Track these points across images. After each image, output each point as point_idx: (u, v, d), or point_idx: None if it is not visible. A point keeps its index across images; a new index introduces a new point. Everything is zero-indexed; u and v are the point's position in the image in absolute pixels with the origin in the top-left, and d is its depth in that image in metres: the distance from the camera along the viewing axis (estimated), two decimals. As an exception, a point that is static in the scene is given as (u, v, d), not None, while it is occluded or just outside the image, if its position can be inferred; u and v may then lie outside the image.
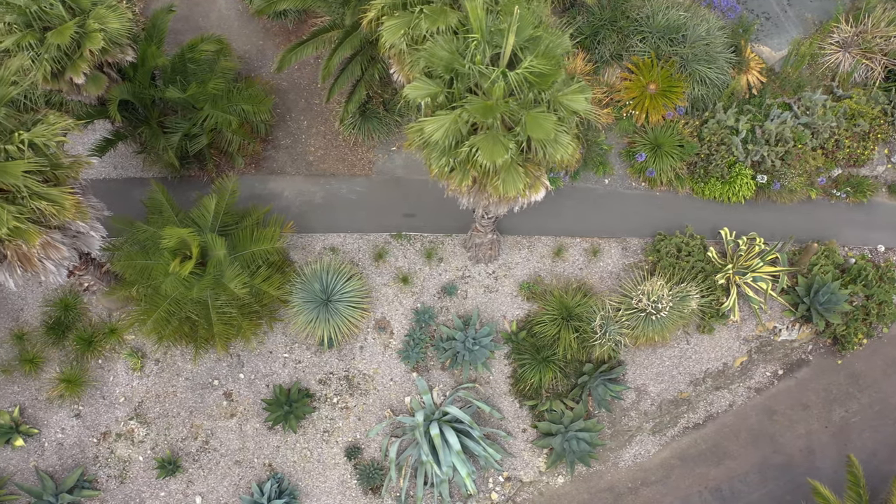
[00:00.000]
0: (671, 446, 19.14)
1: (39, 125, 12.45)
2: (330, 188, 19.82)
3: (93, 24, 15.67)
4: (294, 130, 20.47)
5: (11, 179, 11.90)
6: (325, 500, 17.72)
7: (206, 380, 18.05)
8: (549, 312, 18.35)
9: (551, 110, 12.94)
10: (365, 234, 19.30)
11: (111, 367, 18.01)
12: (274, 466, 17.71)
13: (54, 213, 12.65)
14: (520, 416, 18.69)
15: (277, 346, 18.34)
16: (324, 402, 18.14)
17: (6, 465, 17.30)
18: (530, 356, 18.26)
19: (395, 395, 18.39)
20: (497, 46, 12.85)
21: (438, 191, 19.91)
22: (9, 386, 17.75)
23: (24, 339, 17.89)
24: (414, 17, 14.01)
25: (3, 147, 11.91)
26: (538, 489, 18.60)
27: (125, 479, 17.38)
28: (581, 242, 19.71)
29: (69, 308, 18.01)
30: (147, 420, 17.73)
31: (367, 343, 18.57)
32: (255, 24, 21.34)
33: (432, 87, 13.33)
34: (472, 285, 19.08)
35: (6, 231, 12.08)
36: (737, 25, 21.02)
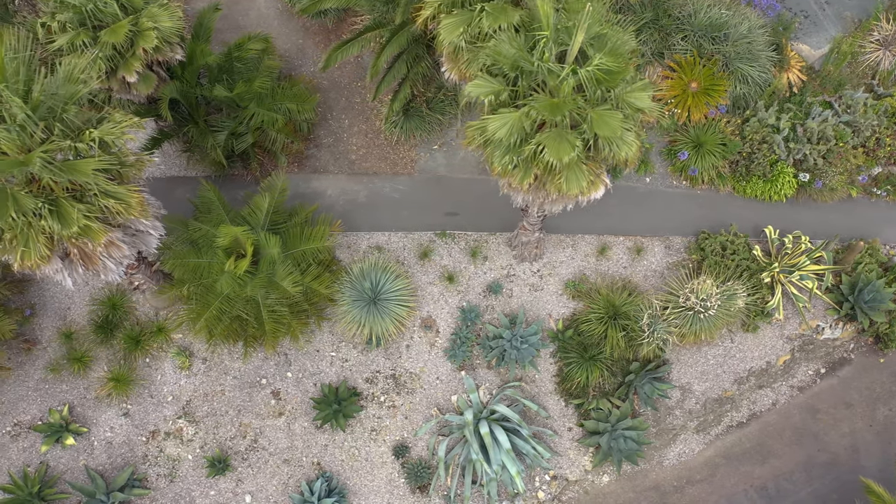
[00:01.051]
0: (715, 445, 19.11)
1: (105, 123, 12.43)
2: (373, 187, 19.81)
3: (146, 23, 15.69)
4: (335, 129, 20.47)
5: (82, 177, 11.89)
6: (374, 498, 17.71)
7: (253, 378, 18.05)
8: (595, 311, 18.34)
9: (616, 108, 12.93)
10: (409, 233, 19.29)
11: (158, 365, 18.01)
12: (322, 465, 17.70)
13: (121, 211, 12.65)
14: (565, 414, 18.67)
15: (324, 344, 18.33)
16: (371, 400, 18.13)
17: (56, 464, 17.30)
18: (577, 355, 18.24)
19: (442, 394, 18.38)
20: (562, 44, 12.84)
21: (481, 189, 20.04)
22: (58, 385, 17.75)
23: (72, 337, 17.88)
24: (475, 14, 13.99)
25: (74, 145, 11.88)
26: (583, 488, 18.58)
27: (175, 477, 17.37)
28: (624, 241, 19.70)
29: (116, 307, 18.01)
30: (195, 419, 17.72)
31: (413, 342, 18.56)
32: (295, 23, 21.34)
33: (495, 84, 13.32)
34: (516, 284, 19.07)
35: (76, 230, 12.05)
36: (776, 24, 21.00)
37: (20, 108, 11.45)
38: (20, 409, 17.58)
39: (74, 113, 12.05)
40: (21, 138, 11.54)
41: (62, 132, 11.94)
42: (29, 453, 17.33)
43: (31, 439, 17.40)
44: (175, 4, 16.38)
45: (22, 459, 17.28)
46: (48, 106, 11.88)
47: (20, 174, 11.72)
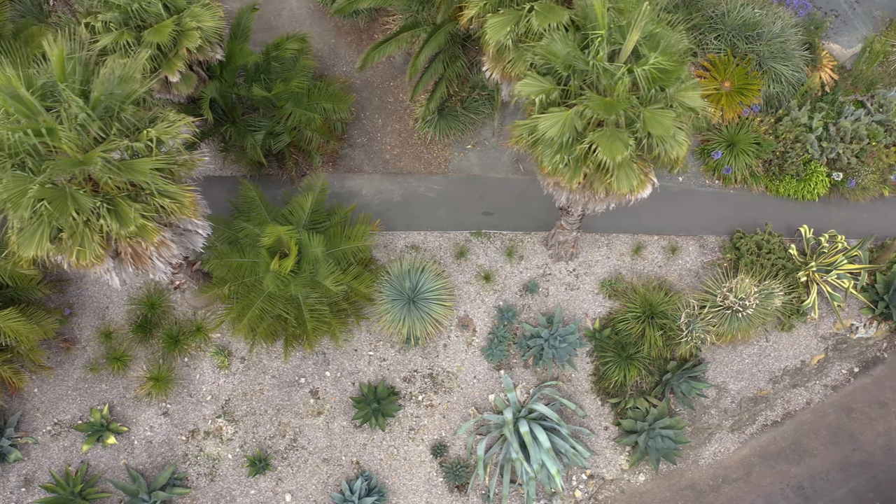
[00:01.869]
0: (750, 444, 19.11)
1: (160, 123, 12.46)
2: (408, 186, 19.83)
3: (190, 23, 15.72)
4: (369, 129, 20.49)
5: (140, 177, 11.92)
6: (412, 497, 17.73)
7: (292, 378, 18.07)
8: (632, 310, 18.36)
9: (668, 107, 12.95)
10: (445, 232, 19.31)
11: (197, 365, 18.04)
12: (361, 464, 17.72)
13: (175, 210, 12.68)
14: (601, 413, 18.69)
15: (362, 343, 18.35)
16: (409, 399, 18.15)
17: (97, 463, 17.33)
18: (614, 354, 18.26)
19: (479, 393, 18.40)
20: (614, 43, 12.85)
21: (515, 189, 20.07)
22: (97, 384, 17.78)
23: (112, 337, 17.91)
24: (523, 14, 14.01)
25: (131, 144, 11.91)
26: (620, 487, 18.58)
27: (215, 476, 17.39)
28: (659, 240, 19.71)
29: (154, 307, 18.04)
30: (235, 418, 17.74)
31: (450, 341, 18.58)
32: (327, 23, 21.37)
33: (545, 83, 13.35)
34: (553, 283, 19.09)
35: (133, 229, 12.08)
36: (808, 23, 21.02)
37: (81, 108, 11.48)
38: (60, 409, 17.61)
39: (131, 112, 12.06)
40: (81, 138, 11.57)
41: (119, 131, 11.97)
42: (70, 452, 17.36)
43: (71, 438, 17.44)
44: (216, 4, 16.42)
45: (63, 458, 17.31)
46: (105, 105, 11.90)
47: (80, 174, 11.73)
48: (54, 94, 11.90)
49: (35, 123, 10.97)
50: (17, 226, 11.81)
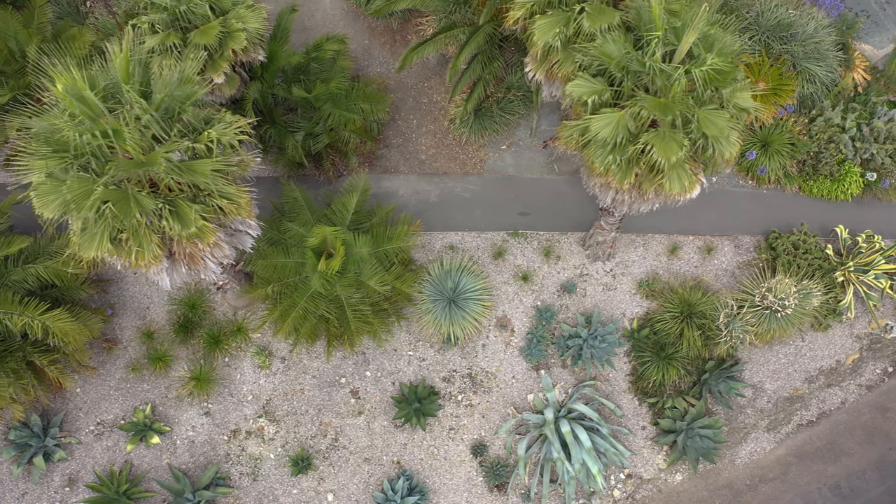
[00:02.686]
0: (786, 443, 19.16)
1: (216, 124, 12.53)
2: (444, 186, 19.90)
3: (235, 24, 15.80)
4: (404, 129, 20.56)
5: (201, 178, 11.99)
6: (452, 497, 17.79)
7: (332, 378, 18.14)
8: (670, 310, 18.42)
9: (720, 108, 13.01)
10: (482, 233, 19.38)
11: (238, 365, 18.10)
12: (402, 464, 17.79)
13: (232, 210, 12.75)
14: (638, 413, 18.74)
15: (402, 343, 18.42)
16: (448, 399, 18.21)
17: (140, 463, 17.41)
18: (652, 354, 18.31)
19: (518, 393, 18.46)
20: (667, 44, 12.91)
21: (550, 189, 20.12)
22: (139, 384, 17.85)
23: (153, 337, 17.98)
24: (573, 15, 14.07)
25: (192, 145, 11.98)
26: (657, 486, 18.64)
27: (258, 476, 17.46)
28: (694, 240, 19.77)
29: (195, 307, 18.10)
30: (276, 418, 17.81)
31: (488, 341, 18.65)
32: (361, 24, 21.43)
33: (597, 84, 13.41)
34: (590, 283, 19.15)
35: (194, 230, 12.15)
36: (840, 23, 21.06)
37: (145, 110, 11.54)
38: (102, 409, 17.69)
39: (191, 113, 12.13)
40: (144, 139, 11.64)
41: (180, 132, 12.04)
42: (113, 452, 17.43)
43: (114, 438, 17.51)
44: (260, 6, 16.49)
45: (106, 458, 17.38)
46: (166, 106, 11.97)
47: (143, 175, 11.81)
48: (114, 95, 11.96)
49: (102, 125, 11.03)
50: (80, 226, 11.86)
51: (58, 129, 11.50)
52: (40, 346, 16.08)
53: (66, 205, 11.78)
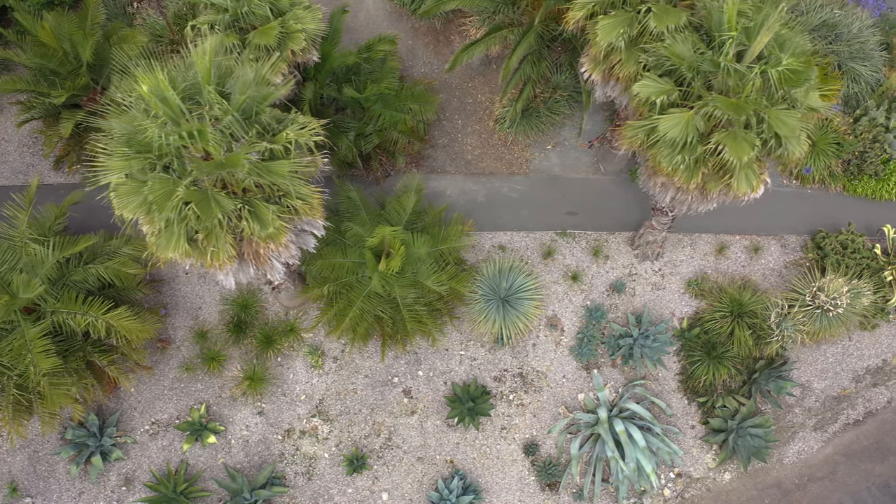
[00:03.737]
0: (833, 442, 19.20)
1: (290, 125, 12.58)
2: (491, 186, 19.95)
3: (294, 25, 15.84)
4: (449, 129, 20.61)
5: (279, 178, 12.05)
6: (505, 496, 17.84)
7: (385, 377, 18.19)
8: (720, 309, 18.47)
9: (791, 107, 13.06)
10: (531, 233, 19.43)
11: (290, 364, 18.16)
12: (455, 463, 17.84)
13: (306, 211, 12.80)
14: (688, 412, 18.78)
15: (453, 343, 18.47)
16: (500, 399, 18.26)
17: (195, 462, 17.46)
18: (703, 353, 18.35)
19: (568, 392, 18.51)
20: (738, 44, 12.95)
21: (596, 189, 20.17)
22: (192, 384, 17.91)
23: (206, 336, 18.04)
24: (639, 15, 14.10)
25: (269, 146, 12.03)
26: (706, 485, 18.68)
27: (312, 475, 17.51)
28: (741, 240, 19.81)
29: (247, 307, 18.16)
30: (329, 417, 17.87)
31: (539, 340, 18.69)
32: (404, 24, 21.48)
33: (664, 84, 13.46)
34: (639, 283, 19.19)
35: (272, 230, 12.21)
36: (882, 23, 21.09)
37: (226, 111, 11.60)
38: (157, 408, 17.75)
39: (269, 114, 12.19)
40: (224, 141, 11.70)
41: (258, 133, 12.09)
42: (168, 451, 17.49)
43: (169, 437, 17.57)
44: (316, 6, 16.54)
45: (162, 457, 17.45)
46: (244, 107, 12.02)
47: (228, 176, 11.86)
48: (191, 96, 12.01)
49: (189, 126, 11.09)
50: (159, 227, 11.89)
51: (141, 130, 11.54)
52: (99, 346, 16.17)
53: (146, 205, 11.83)
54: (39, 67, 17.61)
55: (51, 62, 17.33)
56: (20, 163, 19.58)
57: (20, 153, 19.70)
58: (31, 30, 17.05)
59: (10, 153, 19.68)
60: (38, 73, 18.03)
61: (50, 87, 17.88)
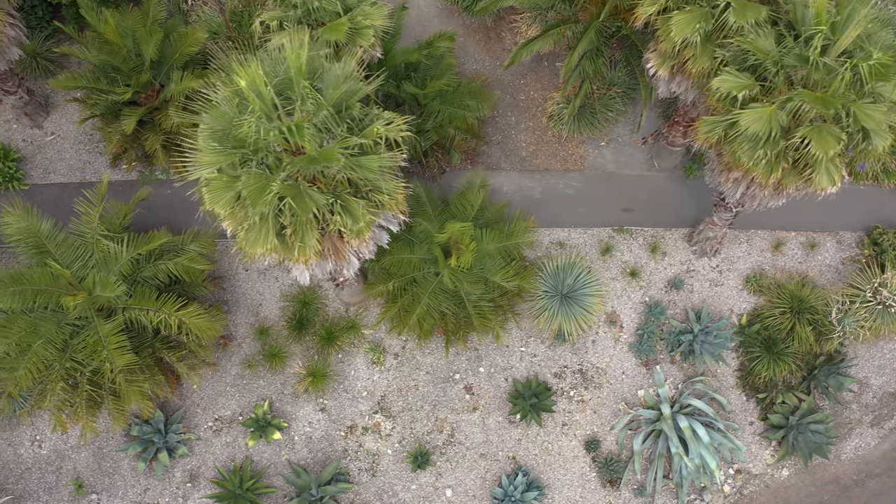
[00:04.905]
0: (890, 439, 19.17)
1: (376, 120, 12.57)
2: (546, 183, 19.95)
3: (362, 21, 15.83)
4: (503, 126, 20.61)
5: (370, 173, 12.05)
6: (567, 492, 17.84)
7: (446, 374, 18.19)
8: (779, 305, 18.45)
9: (874, 101, 13.03)
10: (588, 229, 19.43)
11: (351, 361, 18.17)
12: (517, 459, 17.84)
13: (391, 205, 12.80)
14: (746, 408, 18.77)
15: (514, 340, 18.47)
16: (561, 395, 18.27)
17: (259, 459, 17.48)
18: (763, 349, 18.33)
19: (628, 389, 18.50)
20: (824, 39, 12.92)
21: (651, 185, 20.15)
22: (254, 380, 17.92)
23: (267, 333, 18.05)
24: (712, 10, 14.07)
25: (359, 141, 12.03)
26: (764, 482, 18.67)
27: (376, 472, 17.52)
28: (796, 236, 19.79)
29: (307, 303, 18.16)
30: (392, 414, 17.87)
31: (598, 337, 18.69)
32: (455, 21, 21.48)
33: (744, 79, 13.44)
34: (696, 279, 19.18)
35: (363, 224, 12.21)
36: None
37: (321, 105, 11.60)
38: (219, 405, 17.76)
39: (358, 109, 12.20)
40: (319, 135, 11.70)
41: (349, 128, 12.09)
42: (232, 448, 17.51)
43: (233, 434, 17.58)
44: (382, 3, 16.54)
45: (226, 454, 17.46)
46: (337, 103, 12.02)
47: (319, 171, 11.86)
48: (281, 91, 12.00)
49: (288, 121, 11.09)
50: (256, 220, 11.87)
51: (237, 125, 11.54)
52: (168, 343, 16.18)
53: (239, 200, 11.83)
54: (102, 65, 17.62)
55: (115, 59, 17.34)
56: (76, 160, 19.59)
57: (76, 150, 19.71)
58: (97, 26, 17.04)
59: (65, 150, 19.69)
60: (98, 70, 18.06)
61: (109, 85, 17.91)
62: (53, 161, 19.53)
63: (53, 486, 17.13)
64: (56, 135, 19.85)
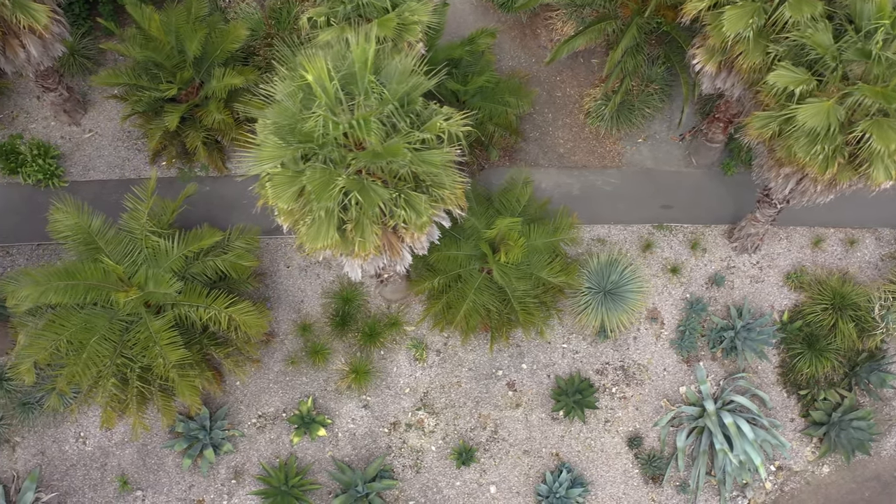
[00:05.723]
0: (930, 436, 19.17)
1: (436, 116, 12.55)
2: (585, 180, 19.93)
3: (410, 17, 15.80)
4: (540, 123, 20.59)
5: (434, 168, 12.03)
6: (610, 489, 17.82)
7: (489, 370, 18.18)
8: (820, 302, 18.42)
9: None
10: (628, 226, 19.41)
11: (393, 358, 18.15)
12: (560, 456, 17.82)
13: (451, 200, 12.78)
14: (787, 405, 18.74)
15: (555, 336, 18.46)
16: (602, 392, 18.24)
17: (303, 455, 17.46)
18: (805, 346, 18.30)
19: (669, 385, 18.48)
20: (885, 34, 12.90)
21: (690, 182, 20.12)
22: (297, 377, 17.91)
23: (309, 330, 18.04)
24: (769, 5, 14.05)
25: (423, 136, 12.01)
26: (805, 478, 18.64)
27: (420, 468, 17.50)
28: (835, 232, 19.76)
29: (349, 300, 18.15)
30: (435, 410, 17.86)
31: (639, 333, 18.67)
32: (490, 18, 21.46)
33: (800, 74, 13.43)
34: (737, 275, 19.16)
35: (426, 219, 12.20)
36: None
37: (386, 100, 11.59)
38: (263, 402, 17.75)
39: (420, 104, 12.18)
40: (384, 130, 11.69)
41: (412, 123, 12.08)
42: (276, 445, 17.50)
43: (276, 431, 17.57)
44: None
45: (270, 451, 17.45)
46: (400, 97, 12.01)
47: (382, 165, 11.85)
48: (342, 86, 11.99)
49: (360, 114, 11.08)
50: (321, 215, 11.85)
51: (302, 120, 11.53)
52: (214, 339, 16.17)
53: (303, 195, 11.82)
54: (145, 61, 17.62)
55: (158, 56, 17.32)
56: (115, 157, 19.58)
57: (114, 147, 19.70)
58: (141, 23, 17.03)
59: (104, 147, 19.68)
60: (139, 66, 18.05)
61: (150, 81, 17.90)
62: (92, 158, 19.52)
63: (98, 482, 17.12)
64: (94, 132, 19.84)
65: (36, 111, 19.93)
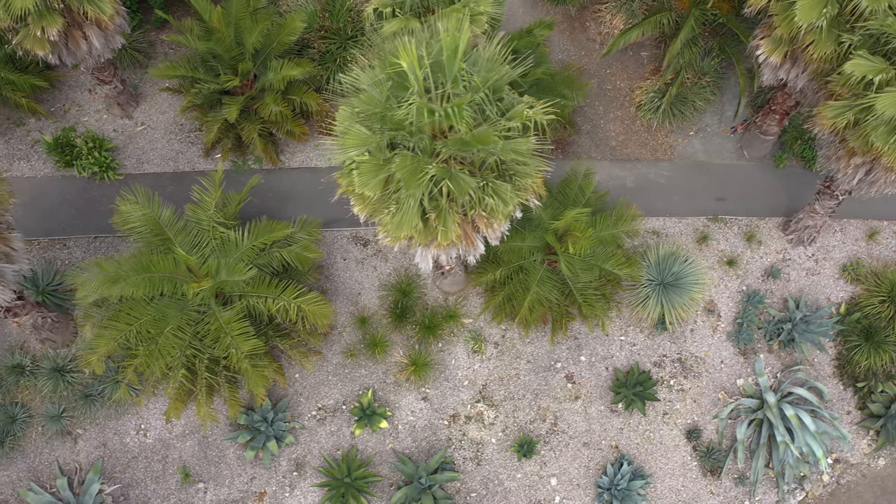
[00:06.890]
0: (984, 428, 19.10)
1: (518, 105, 12.51)
2: (638, 172, 19.90)
3: (475, 7, 15.75)
4: (591, 115, 20.56)
5: (521, 157, 12.01)
6: (669, 481, 17.79)
7: (547, 363, 18.15)
8: (878, 294, 18.38)
9: None
10: (683, 218, 19.37)
11: (451, 350, 18.12)
12: (619, 448, 17.79)
13: (534, 188, 12.75)
14: (843, 397, 18.70)
15: (613, 328, 18.43)
16: (661, 384, 18.21)
17: (364, 447, 17.44)
18: (863, 338, 18.26)
19: (727, 377, 18.44)
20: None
21: (743, 175, 20.08)
22: (356, 369, 17.89)
23: (367, 322, 18.01)
24: (845, -6, 14.03)
25: (510, 125, 11.97)
26: (861, 471, 18.60)
27: (481, 461, 17.48)
28: (889, 225, 19.72)
29: (406, 293, 18.12)
30: (494, 403, 17.83)
31: (696, 326, 18.64)
32: (539, 11, 21.41)
33: (877, 63, 13.39)
34: (793, 268, 19.12)
35: (511, 207, 12.18)
36: None
37: (477, 88, 11.56)
38: (322, 394, 17.73)
39: (507, 92, 12.15)
40: (474, 118, 11.65)
41: (499, 112, 12.05)
42: (337, 437, 17.48)
43: (336, 423, 17.55)
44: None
45: (331, 443, 17.43)
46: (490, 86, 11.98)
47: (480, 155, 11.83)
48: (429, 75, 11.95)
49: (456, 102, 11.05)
50: (412, 204, 11.82)
51: (392, 108, 11.50)
52: (279, 330, 16.16)
53: (391, 183, 11.80)
54: (204, 53, 17.60)
55: (219, 48, 17.31)
56: (168, 150, 19.57)
57: (167, 140, 19.69)
58: (203, 15, 17.01)
59: (157, 140, 19.66)
60: (196, 59, 18.04)
61: (207, 74, 17.89)
62: (146, 151, 19.50)
63: (160, 474, 17.10)
64: (146, 125, 19.83)
65: (88, 104, 19.92)
